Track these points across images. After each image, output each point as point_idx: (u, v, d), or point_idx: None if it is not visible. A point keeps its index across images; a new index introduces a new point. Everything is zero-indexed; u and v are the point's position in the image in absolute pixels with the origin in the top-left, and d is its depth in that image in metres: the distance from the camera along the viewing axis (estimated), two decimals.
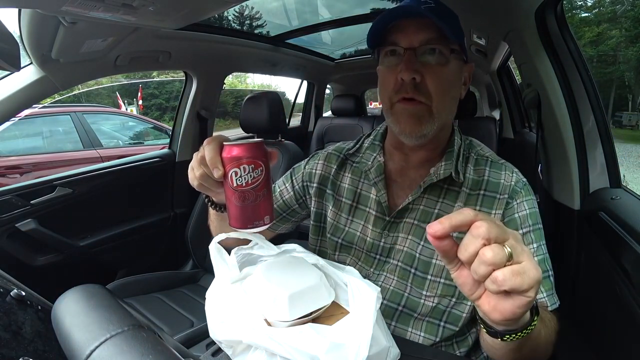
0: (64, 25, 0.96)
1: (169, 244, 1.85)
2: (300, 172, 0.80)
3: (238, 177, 0.49)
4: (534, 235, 0.62)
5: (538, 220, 0.64)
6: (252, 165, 0.49)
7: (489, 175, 0.66)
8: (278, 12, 2.03)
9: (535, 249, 0.61)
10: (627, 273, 0.75)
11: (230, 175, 0.49)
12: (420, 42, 0.58)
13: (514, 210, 0.63)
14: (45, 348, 0.35)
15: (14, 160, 3.55)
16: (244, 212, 0.51)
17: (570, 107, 1.02)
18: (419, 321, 0.65)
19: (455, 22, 0.63)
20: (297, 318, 0.47)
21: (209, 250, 0.57)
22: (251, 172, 0.49)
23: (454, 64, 0.61)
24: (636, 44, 4.99)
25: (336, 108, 2.78)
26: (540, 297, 0.59)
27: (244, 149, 0.49)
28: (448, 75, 0.61)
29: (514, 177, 0.65)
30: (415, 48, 0.58)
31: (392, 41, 0.60)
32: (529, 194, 0.65)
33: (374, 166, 0.71)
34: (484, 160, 0.68)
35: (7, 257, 1.34)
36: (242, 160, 0.49)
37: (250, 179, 0.49)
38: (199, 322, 1.31)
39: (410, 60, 0.58)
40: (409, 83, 0.59)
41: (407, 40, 0.59)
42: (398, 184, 0.70)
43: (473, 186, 0.65)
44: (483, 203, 0.64)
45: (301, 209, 0.81)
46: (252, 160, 0.49)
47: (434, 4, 0.60)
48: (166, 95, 13.46)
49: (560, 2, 0.99)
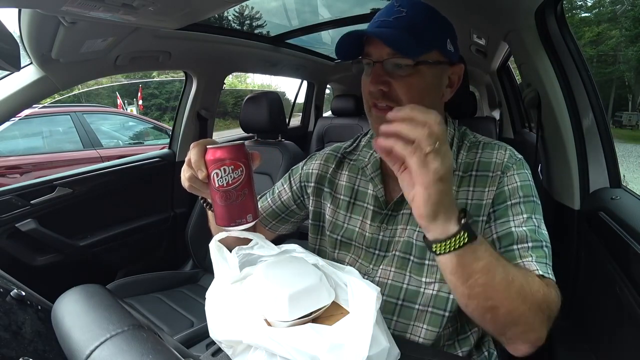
0: (64, 25, 0.96)
1: (169, 244, 1.85)
2: (297, 174, 0.81)
3: (219, 178, 0.53)
4: (524, 207, 0.61)
5: (532, 193, 0.63)
6: (232, 167, 0.52)
7: (481, 156, 0.67)
8: (278, 12, 2.03)
9: (524, 219, 0.60)
10: (627, 273, 0.75)
11: (212, 176, 0.53)
12: (387, 55, 0.60)
13: (504, 183, 0.63)
14: (45, 348, 0.35)
15: (14, 160, 3.55)
16: (227, 210, 0.54)
17: (570, 107, 1.02)
18: (422, 313, 0.64)
19: (429, 26, 0.62)
20: (297, 318, 0.47)
21: (209, 248, 0.57)
22: (231, 172, 0.52)
23: (425, 72, 0.61)
24: (636, 44, 4.99)
25: (336, 108, 2.78)
26: (527, 259, 0.57)
27: (225, 151, 0.53)
28: (418, 84, 0.61)
29: (507, 154, 0.66)
30: (383, 61, 0.60)
31: (366, 52, 0.63)
32: (522, 168, 0.65)
33: (370, 162, 0.72)
34: (477, 144, 0.69)
35: (7, 257, 1.34)
36: (223, 161, 0.52)
37: (231, 179, 0.53)
38: (199, 322, 1.31)
39: (376, 73, 0.60)
40: (377, 92, 0.61)
41: (376, 52, 0.61)
42: (394, 178, 0.70)
43: (465, 169, 0.66)
44: (476, 183, 0.65)
45: (299, 210, 0.82)
46: (232, 162, 0.52)
47: (405, 13, 0.60)
48: (166, 95, 13.46)
49: (560, 2, 0.99)
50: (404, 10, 0.61)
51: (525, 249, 0.59)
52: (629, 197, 0.91)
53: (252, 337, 0.45)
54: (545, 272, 0.57)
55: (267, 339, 0.44)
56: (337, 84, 3.25)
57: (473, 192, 0.64)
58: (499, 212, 0.62)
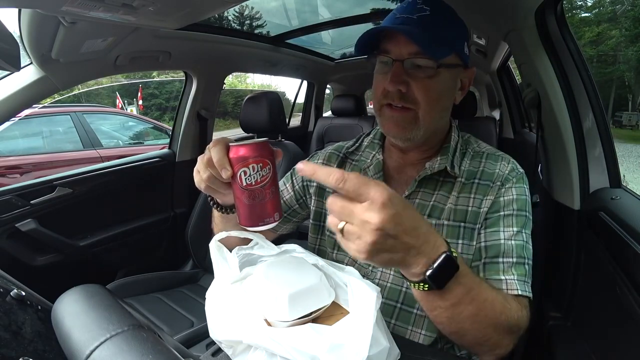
0: (64, 25, 0.96)
1: (169, 244, 1.85)
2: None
3: (247, 177, 0.50)
4: (515, 220, 0.62)
5: (525, 208, 0.63)
6: (260, 164, 0.50)
7: (485, 166, 0.67)
8: (278, 12, 2.03)
9: (514, 233, 0.61)
10: (627, 273, 0.75)
11: (240, 174, 0.50)
12: (409, 54, 0.59)
13: (500, 194, 0.64)
14: (45, 348, 0.35)
15: (14, 160, 3.55)
16: (254, 210, 0.52)
17: (570, 107, 1.02)
18: (420, 318, 0.64)
19: (452, 28, 0.62)
20: (297, 318, 0.47)
21: (209, 248, 0.57)
22: (259, 170, 0.50)
23: (444, 74, 0.61)
24: (636, 44, 4.99)
25: (336, 108, 2.78)
26: (510, 278, 0.58)
27: (251, 148, 0.50)
28: (436, 86, 0.61)
29: (509, 167, 0.66)
30: (403, 60, 0.59)
31: (384, 49, 0.61)
32: (521, 183, 0.65)
33: (372, 164, 0.72)
34: (481, 154, 0.69)
35: (7, 257, 1.34)
36: (249, 159, 0.50)
37: (259, 177, 0.50)
38: (199, 322, 1.31)
39: (396, 72, 0.59)
40: (395, 92, 0.60)
41: (397, 50, 0.60)
42: (395, 180, 0.71)
43: (468, 176, 0.66)
44: (477, 190, 0.65)
45: (301, 209, 0.82)
46: (260, 159, 0.50)
47: (429, 12, 0.59)
48: (166, 95, 13.46)
49: (560, 2, 0.99)
50: (427, 9, 0.60)
51: (510, 264, 0.60)
52: (629, 197, 0.91)
53: (252, 337, 0.45)
54: (524, 291, 0.58)
55: (267, 339, 0.44)
56: (337, 84, 3.24)
57: (473, 199, 0.65)
58: (490, 220, 0.63)
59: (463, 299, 0.47)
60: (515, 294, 0.57)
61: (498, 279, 0.59)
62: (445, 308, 0.48)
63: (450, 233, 0.64)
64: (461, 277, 0.46)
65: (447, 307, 0.47)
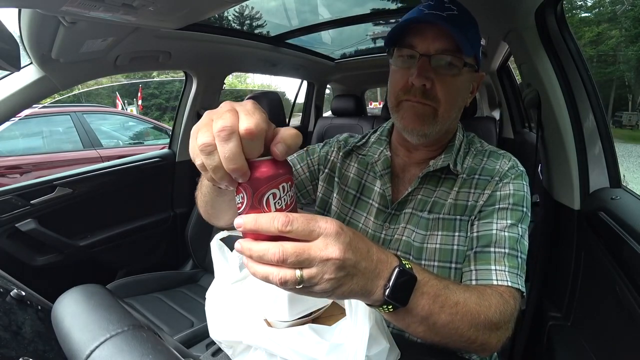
0: (64, 25, 0.95)
1: (169, 244, 1.85)
2: (316, 154, 0.79)
3: (277, 200, 0.37)
4: (510, 213, 0.62)
5: (522, 204, 0.63)
6: (289, 183, 0.38)
7: (486, 163, 0.68)
8: (278, 12, 2.03)
9: (508, 225, 0.61)
10: (627, 273, 0.75)
11: (267, 198, 0.36)
12: (436, 50, 0.59)
13: (497, 189, 0.64)
14: (45, 348, 0.35)
15: (14, 160, 3.55)
16: (277, 237, 0.37)
17: (570, 107, 1.02)
18: None
19: (475, 31, 0.63)
20: (297, 318, 0.47)
21: (210, 246, 0.57)
22: (289, 190, 0.38)
23: (466, 75, 0.62)
24: (636, 44, 4.99)
25: (336, 108, 2.78)
26: (500, 269, 0.58)
27: (278, 164, 0.37)
28: (458, 85, 0.61)
29: (509, 164, 0.67)
30: (431, 55, 0.59)
31: (409, 43, 0.60)
32: (520, 180, 0.65)
33: (380, 159, 0.72)
34: (484, 152, 0.70)
35: (7, 257, 1.34)
36: (279, 178, 0.36)
37: (289, 199, 0.38)
38: (199, 322, 1.31)
39: (423, 67, 0.58)
40: (419, 88, 0.59)
41: (424, 45, 0.59)
42: (400, 178, 0.72)
43: (470, 172, 0.67)
44: (477, 186, 0.65)
45: (313, 192, 0.80)
46: (289, 176, 0.38)
47: (457, 12, 0.59)
48: (166, 95, 13.47)
49: (560, 2, 0.99)
50: (455, 9, 0.60)
51: (502, 254, 0.59)
52: (629, 197, 0.91)
53: (252, 337, 0.45)
54: (515, 283, 0.57)
55: (266, 339, 0.44)
56: (337, 84, 3.24)
57: (473, 193, 0.65)
58: (484, 213, 0.63)
59: (432, 308, 0.46)
60: (505, 286, 0.56)
61: (487, 269, 0.58)
62: (418, 322, 0.46)
63: (447, 226, 0.64)
64: (423, 286, 0.45)
65: (420, 321, 0.46)
